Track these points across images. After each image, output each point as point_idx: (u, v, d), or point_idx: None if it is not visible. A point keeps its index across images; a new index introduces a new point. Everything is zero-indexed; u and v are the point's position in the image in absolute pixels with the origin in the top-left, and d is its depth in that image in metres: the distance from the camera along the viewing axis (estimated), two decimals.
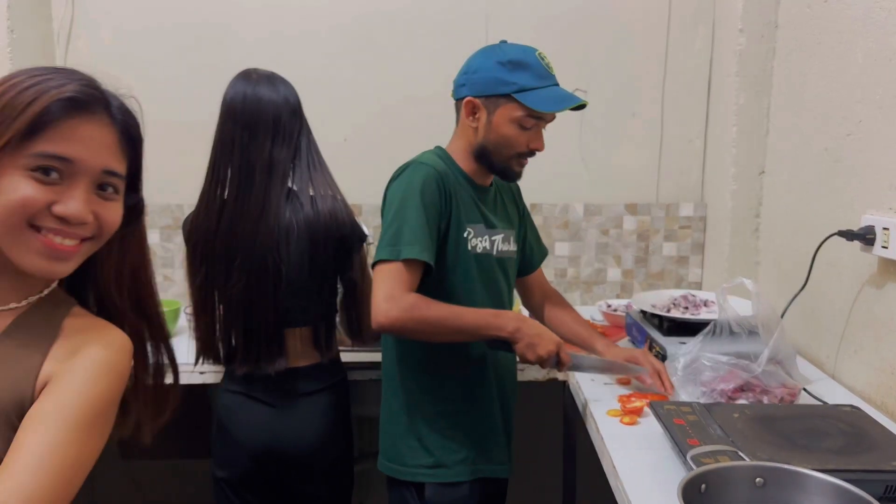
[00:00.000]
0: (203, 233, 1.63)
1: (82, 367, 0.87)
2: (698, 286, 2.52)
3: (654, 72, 2.46)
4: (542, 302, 1.86)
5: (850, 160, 1.71)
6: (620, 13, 2.43)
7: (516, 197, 1.77)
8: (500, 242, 1.63)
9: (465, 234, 1.54)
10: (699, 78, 2.45)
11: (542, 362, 1.48)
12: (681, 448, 1.21)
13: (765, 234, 2.23)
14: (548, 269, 2.50)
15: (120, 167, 0.91)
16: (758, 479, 1.07)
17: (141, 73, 2.40)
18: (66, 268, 0.89)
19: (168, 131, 2.40)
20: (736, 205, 2.26)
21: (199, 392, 1.91)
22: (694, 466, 1.11)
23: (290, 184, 1.64)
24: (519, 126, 1.51)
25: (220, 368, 1.78)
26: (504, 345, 1.48)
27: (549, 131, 1.58)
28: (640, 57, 2.45)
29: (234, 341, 1.69)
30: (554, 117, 1.55)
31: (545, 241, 2.46)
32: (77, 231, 0.87)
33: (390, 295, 1.40)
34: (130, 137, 0.93)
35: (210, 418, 1.82)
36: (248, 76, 1.63)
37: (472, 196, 1.58)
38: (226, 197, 1.62)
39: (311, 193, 1.66)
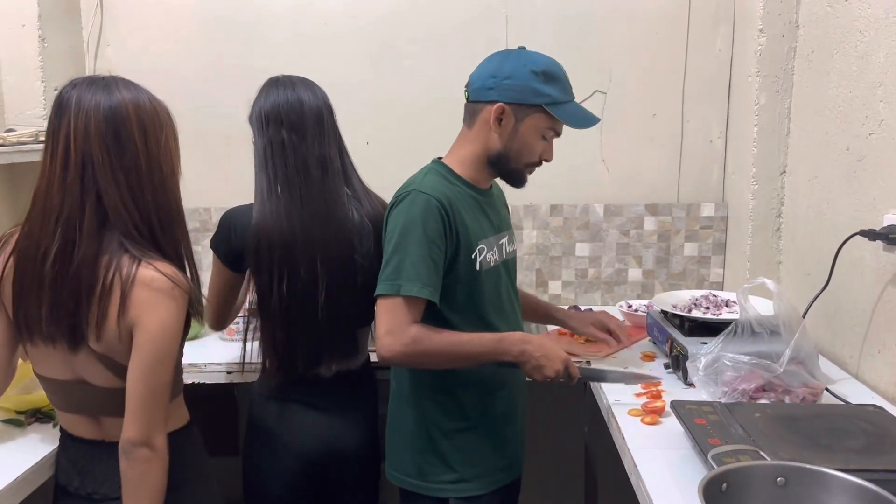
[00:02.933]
0: (279, 236, 1.54)
1: None
2: (720, 286, 2.51)
3: (674, 72, 2.45)
4: None
5: (873, 160, 1.70)
6: (640, 13, 2.43)
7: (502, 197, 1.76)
8: (507, 244, 1.65)
9: (473, 256, 1.52)
10: (720, 78, 2.44)
11: (551, 380, 1.51)
12: (702, 447, 1.22)
13: (786, 234, 2.22)
14: (568, 270, 2.52)
15: None
16: (779, 479, 1.07)
17: (169, 80, 2.42)
18: None
19: (194, 137, 2.44)
20: (757, 204, 2.25)
21: (225, 391, 1.94)
22: (715, 465, 1.11)
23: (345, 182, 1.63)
24: (542, 137, 1.54)
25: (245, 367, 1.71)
26: (512, 365, 1.51)
27: (570, 130, 1.59)
28: (660, 57, 2.45)
29: (304, 345, 1.60)
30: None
31: (566, 241, 2.50)
32: None
33: (391, 329, 1.43)
34: None
35: (234, 417, 1.83)
36: (281, 83, 1.62)
37: (480, 204, 1.57)
38: (280, 197, 1.56)
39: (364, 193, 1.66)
